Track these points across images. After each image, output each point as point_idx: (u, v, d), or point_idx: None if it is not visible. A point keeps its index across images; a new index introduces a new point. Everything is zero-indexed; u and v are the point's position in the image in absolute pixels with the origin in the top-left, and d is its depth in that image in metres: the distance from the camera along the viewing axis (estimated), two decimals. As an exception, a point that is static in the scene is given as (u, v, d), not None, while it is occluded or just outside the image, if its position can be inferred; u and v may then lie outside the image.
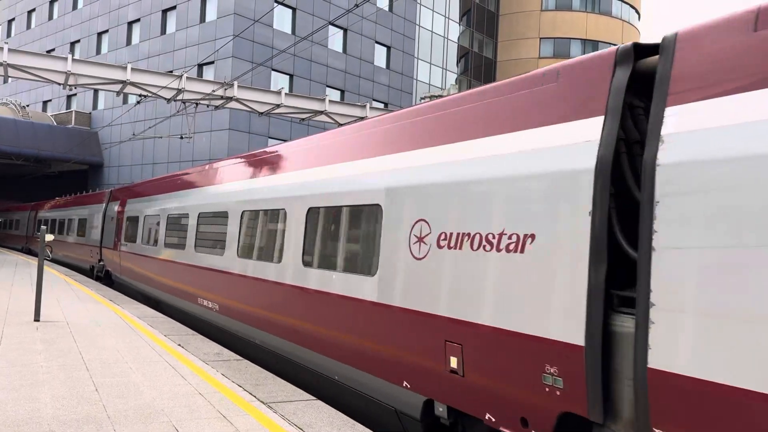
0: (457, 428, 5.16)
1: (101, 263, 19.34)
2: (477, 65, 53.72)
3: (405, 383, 5.41)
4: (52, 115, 47.17)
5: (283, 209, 7.79)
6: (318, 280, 6.81)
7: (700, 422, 3.25)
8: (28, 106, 48.89)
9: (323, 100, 30.53)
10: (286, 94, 29.39)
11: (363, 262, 6.14)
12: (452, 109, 5.41)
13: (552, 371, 4.06)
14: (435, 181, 5.27)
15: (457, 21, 51.96)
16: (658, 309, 3.47)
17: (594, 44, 51.67)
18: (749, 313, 3.09)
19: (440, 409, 5.09)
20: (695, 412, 3.27)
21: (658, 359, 3.44)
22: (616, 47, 4.15)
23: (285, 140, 36.64)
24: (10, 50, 23.19)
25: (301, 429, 5.18)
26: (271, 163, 8.67)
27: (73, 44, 47.60)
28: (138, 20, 41.39)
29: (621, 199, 3.91)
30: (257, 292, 8.25)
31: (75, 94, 46.76)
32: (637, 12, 56.18)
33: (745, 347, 3.08)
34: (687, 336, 3.32)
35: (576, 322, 3.92)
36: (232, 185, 9.73)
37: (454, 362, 4.84)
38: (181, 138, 25.02)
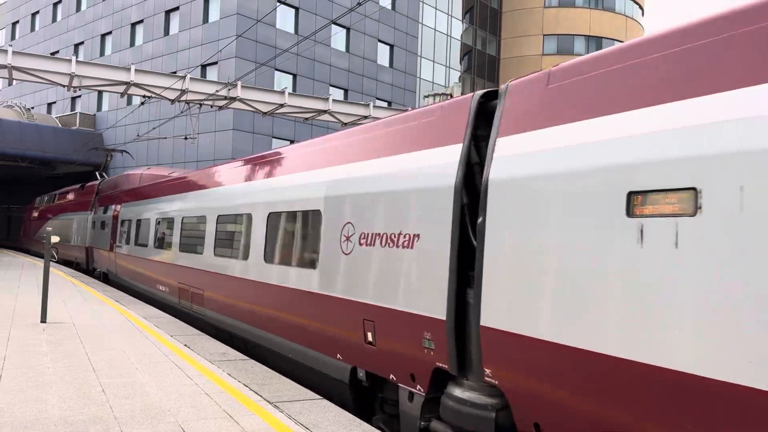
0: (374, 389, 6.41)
1: None
2: (480, 63, 53.63)
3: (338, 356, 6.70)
4: (56, 117, 47.32)
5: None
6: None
7: (511, 361, 4.50)
8: (32, 108, 49.06)
9: (327, 99, 30.53)
10: (289, 93, 29.39)
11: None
12: (363, 135, 6.83)
13: (428, 337, 5.28)
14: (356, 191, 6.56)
15: (460, 18, 51.86)
16: (485, 282, 4.66)
17: (597, 41, 51.50)
18: (537, 287, 4.29)
19: (361, 374, 6.33)
20: (508, 353, 4.49)
21: (487, 319, 4.65)
22: (472, 94, 5.41)
23: (289, 140, 36.66)
24: (14, 53, 23.26)
25: (307, 428, 5.18)
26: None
27: (76, 46, 47.73)
28: (141, 21, 41.46)
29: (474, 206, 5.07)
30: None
31: (79, 96, 46.89)
32: (641, 8, 55.96)
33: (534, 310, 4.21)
34: (502, 303, 4.55)
35: (440, 301, 5.15)
36: None
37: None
38: (185, 138, 25.09)
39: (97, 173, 28.06)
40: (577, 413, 4.02)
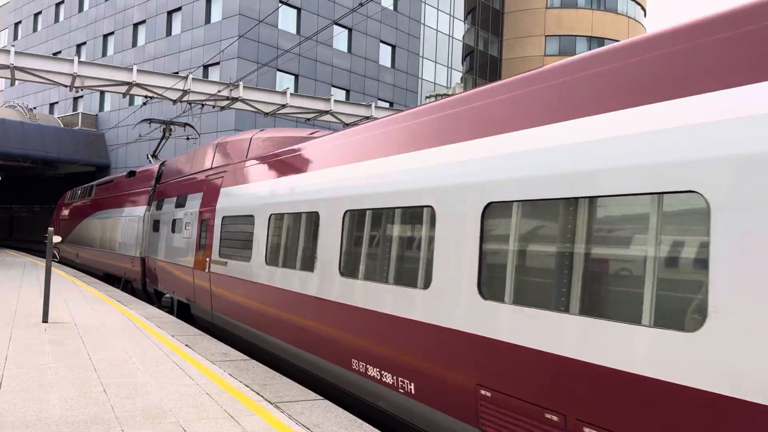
0: None
1: None
2: (482, 63, 53.62)
3: None
4: (59, 117, 47.42)
5: None
6: None
7: None
8: (35, 108, 49.15)
9: (328, 99, 30.55)
10: (291, 94, 29.43)
11: None
12: None
13: None
14: None
15: (462, 19, 51.88)
16: None
17: (600, 41, 51.47)
18: None
19: None
20: None
21: None
22: None
23: (291, 140, 36.67)
24: (16, 53, 23.30)
25: (308, 429, 5.18)
26: None
27: (79, 46, 47.80)
28: (143, 22, 41.52)
29: None
30: None
31: (81, 96, 46.96)
32: (643, 8, 55.93)
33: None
34: None
35: None
36: None
37: None
38: (188, 139, 25.15)
39: (149, 157, 21.04)
40: None
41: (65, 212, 29.39)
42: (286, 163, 8.61)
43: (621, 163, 3.81)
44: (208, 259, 10.86)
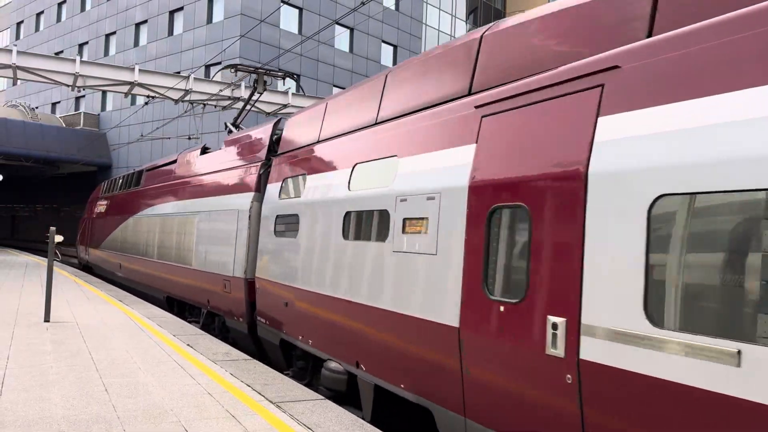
0: None
1: None
2: (484, 63, 53.61)
3: None
4: (60, 117, 47.47)
5: None
6: None
7: None
8: (37, 108, 49.22)
9: (330, 99, 30.56)
10: (293, 94, 29.43)
11: None
12: None
13: None
14: None
15: (464, 19, 51.86)
16: None
17: (601, 41, 51.47)
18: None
19: None
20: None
21: None
22: None
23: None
24: (18, 52, 23.33)
25: (310, 429, 5.18)
26: None
27: (81, 46, 47.86)
28: (145, 21, 41.56)
29: None
30: None
31: (83, 96, 47.01)
32: (645, 9, 55.93)
33: None
34: None
35: None
36: None
37: None
38: (189, 139, 25.16)
39: (229, 125, 13.67)
40: None
41: (100, 208, 22.05)
42: None
43: None
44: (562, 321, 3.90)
